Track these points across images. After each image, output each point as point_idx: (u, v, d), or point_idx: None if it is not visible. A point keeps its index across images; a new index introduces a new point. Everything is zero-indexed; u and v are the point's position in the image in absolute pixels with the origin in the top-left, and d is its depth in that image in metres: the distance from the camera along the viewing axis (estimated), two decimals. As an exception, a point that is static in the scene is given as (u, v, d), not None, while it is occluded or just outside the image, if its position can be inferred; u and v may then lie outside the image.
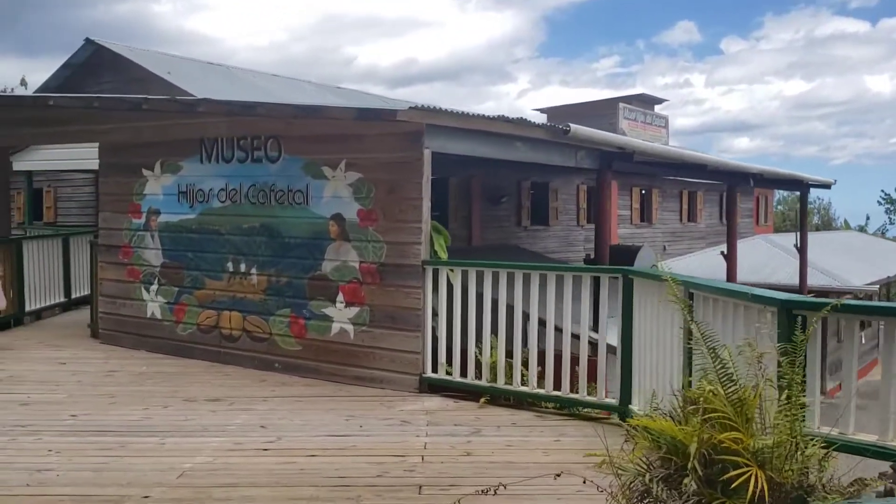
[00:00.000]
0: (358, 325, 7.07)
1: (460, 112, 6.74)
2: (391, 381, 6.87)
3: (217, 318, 8.03)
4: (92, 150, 13.73)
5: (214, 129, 7.93)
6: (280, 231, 7.54)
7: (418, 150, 6.67)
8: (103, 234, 9.00)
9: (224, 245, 7.94)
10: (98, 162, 9.05)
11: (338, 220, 7.15)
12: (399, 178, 6.78)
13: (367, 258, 6.98)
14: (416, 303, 6.71)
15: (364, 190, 6.98)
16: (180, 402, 6.44)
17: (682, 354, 4.57)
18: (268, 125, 7.55)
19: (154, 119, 8.38)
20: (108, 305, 8.97)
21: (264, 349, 7.70)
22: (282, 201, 7.50)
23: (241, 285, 7.84)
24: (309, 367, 7.39)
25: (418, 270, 6.69)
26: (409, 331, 6.76)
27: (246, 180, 7.76)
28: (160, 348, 8.47)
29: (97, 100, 8.33)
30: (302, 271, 7.41)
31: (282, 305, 7.56)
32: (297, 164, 7.40)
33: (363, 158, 6.99)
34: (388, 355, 6.89)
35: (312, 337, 7.37)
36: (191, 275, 8.20)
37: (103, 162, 8.97)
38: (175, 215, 8.31)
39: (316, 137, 7.29)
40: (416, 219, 6.70)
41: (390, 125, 6.74)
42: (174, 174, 8.30)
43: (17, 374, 7.43)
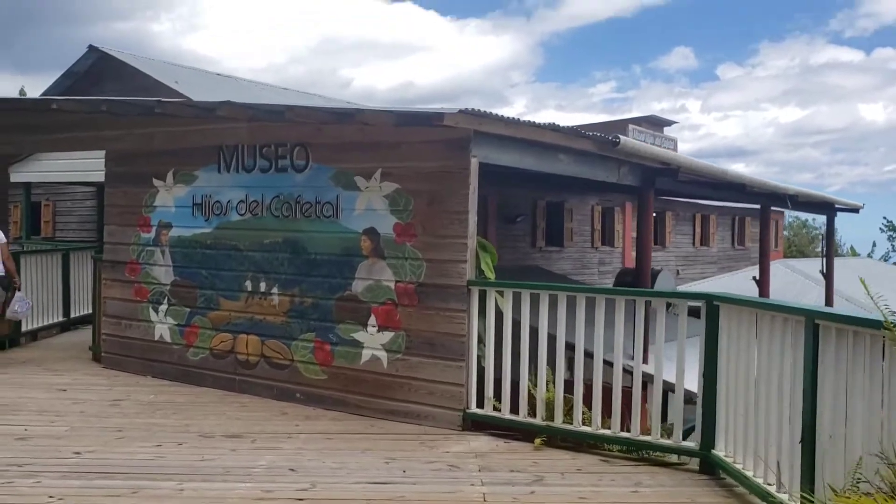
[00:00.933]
0: (392, 352, 6.36)
1: (511, 118, 6.08)
2: (430, 416, 6.15)
3: (233, 343, 7.32)
4: (94, 160, 13.07)
5: (234, 136, 7.27)
6: (306, 247, 6.86)
7: (464, 159, 6.00)
8: (108, 249, 8.30)
9: (242, 262, 7.25)
10: (104, 172, 8.37)
11: (371, 236, 6.47)
12: (442, 190, 6.11)
13: (403, 277, 6.29)
14: (460, 328, 6.02)
15: (401, 202, 6.30)
16: (196, 438, 5.71)
17: (802, 396, 3.87)
18: (294, 132, 6.89)
19: (167, 125, 7.72)
20: (113, 326, 8.25)
21: (285, 377, 6.99)
22: (308, 214, 6.82)
23: (260, 306, 7.14)
24: (335, 399, 6.67)
25: (463, 292, 6.00)
26: (451, 360, 6.06)
27: (269, 191, 7.08)
28: (168, 374, 7.76)
29: (105, 103, 7.67)
30: (329, 291, 6.72)
31: (306, 329, 6.86)
32: (327, 173, 6.72)
33: (401, 168, 6.32)
34: (426, 387, 6.18)
35: (340, 365, 6.66)
36: (204, 294, 7.50)
37: (110, 171, 8.29)
38: (188, 229, 7.62)
39: (348, 145, 6.63)
40: (461, 234, 6.03)
41: (433, 131, 6.08)
42: (188, 185, 7.62)
43: (13, 403, 6.70)
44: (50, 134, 8.86)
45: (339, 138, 6.67)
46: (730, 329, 4.77)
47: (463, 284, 6.00)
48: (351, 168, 6.58)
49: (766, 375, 4.31)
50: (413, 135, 6.24)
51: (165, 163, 7.79)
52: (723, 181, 10.37)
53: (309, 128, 6.78)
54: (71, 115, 8.41)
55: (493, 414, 5.92)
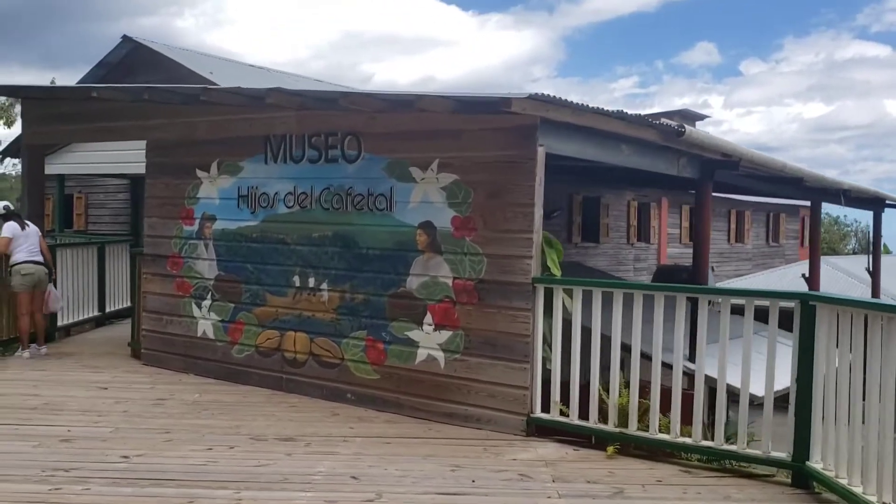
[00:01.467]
0: (450, 352, 6.04)
1: (579, 104, 5.72)
2: (491, 420, 5.83)
3: (280, 340, 7.03)
4: (128, 152, 12.88)
5: (283, 125, 6.97)
6: (357, 241, 6.55)
7: (531, 148, 5.66)
8: (149, 243, 8.05)
9: (290, 256, 6.95)
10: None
11: (427, 229, 6.14)
12: (505, 181, 5.77)
13: (462, 274, 5.97)
14: (524, 328, 5.68)
15: (460, 194, 5.97)
16: (247, 441, 5.43)
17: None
18: (346, 120, 6.58)
19: (211, 113, 7.44)
20: (153, 322, 8.00)
21: (334, 377, 6.69)
22: (360, 207, 6.51)
23: (308, 302, 6.84)
24: (388, 400, 6.36)
25: (527, 289, 5.66)
26: (514, 361, 5.73)
27: (318, 183, 6.77)
28: (212, 372, 7.49)
29: (148, 91, 7.40)
30: (382, 287, 6.40)
31: (357, 327, 6.55)
32: (380, 164, 6.41)
33: (460, 158, 5.99)
34: (486, 389, 5.85)
35: (393, 364, 6.35)
36: (250, 289, 7.21)
37: (151, 162, 8.03)
38: (233, 222, 7.34)
39: (403, 134, 6.30)
40: (526, 228, 5.69)
41: (497, 119, 5.74)
42: (233, 176, 7.34)
43: (54, 402, 6.45)
44: (88, 123, 8.62)
45: (393, 127, 6.35)
46: (829, 331, 4.40)
47: (528, 282, 5.66)
48: (406, 158, 6.26)
49: (880, 382, 3.93)
50: (474, 122, 5.91)
51: (209, 153, 7.51)
52: (781, 175, 9.95)
53: (362, 116, 6.47)
54: (110, 103, 8.16)
55: (560, 419, 5.58)
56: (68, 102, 8.70)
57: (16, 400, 6.46)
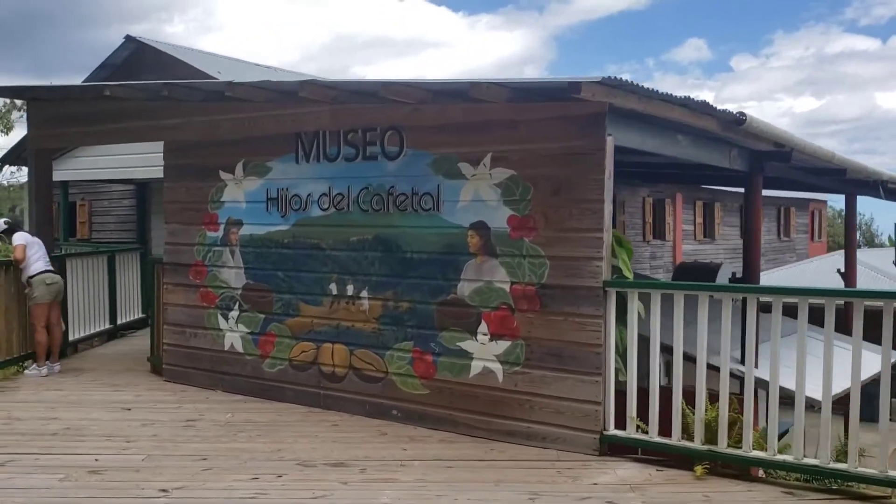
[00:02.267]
0: (509, 364, 5.53)
1: (650, 89, 5.20)
2: (558, 438, 5.32)
3: (316, 353, 6.51)
4: (134, 156, 12.38)
5: (314, 122, 6.45)
6: (400, 244, 6.03)
7: (599, 138, 5.16)
8: (169, 251, 7.52)
9: (326, 262, 6.44)
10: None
11: (480, 230, 5.64)
12: (570, 175, 5.26)
13: (521, 278, 5.46)
14: (595, 337, 5.17)
15: (518, 191, 5.46)
16: (295, 468, 4.91)
17: None
18: (385, 114, 6.07)
19: (235, 111, 6.93)
20: (175, 336, 7.48)
21: (378, 392, 6.17)
22: (403, 207, 6.00)
23: (347, 312, 6.32)
24: (439, 417, 5.85)
25: (598, 294, 5.16)
26: (584, 374, 5.22)
27: (356, 183, 6.26)
28: (241, 388, 6.97)
29: (167, 87, 6.88)
30: (429, 294, 5.89)
31: (402, 337, 6.04)
32: (425, 160, 5.90)
33: (517, 151, 5.48)
34: (552, 405, 5.35)
35: (444, 378, 5.84)
36: (282, 299, 6.70)
37: (169, 164, 7.51)
38: (262, 227, 6.82)
39: (451, 126, 5.79)
40: (595, 227, 5.18)
41: (560, 107, 5.24)
42: (261, 177, 6.82)
43: (76, 426, 5.92)
44: (99, 125, 8.09)
45: (439, 119, 5.84)
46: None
47: (598, 286, 5.16)
48: (454, 153, 5.75)
49: None
50: (533, 111, 5.41)
51: (234, 153, 7.00)
52: (830, 165, 9.44)
53: (404, 109, 5.96)
54: (124, 103, 7.64)
55: (638, 437, 5.07)
56: (78, 103, 8.17)
57: (34, 424, 5.93)
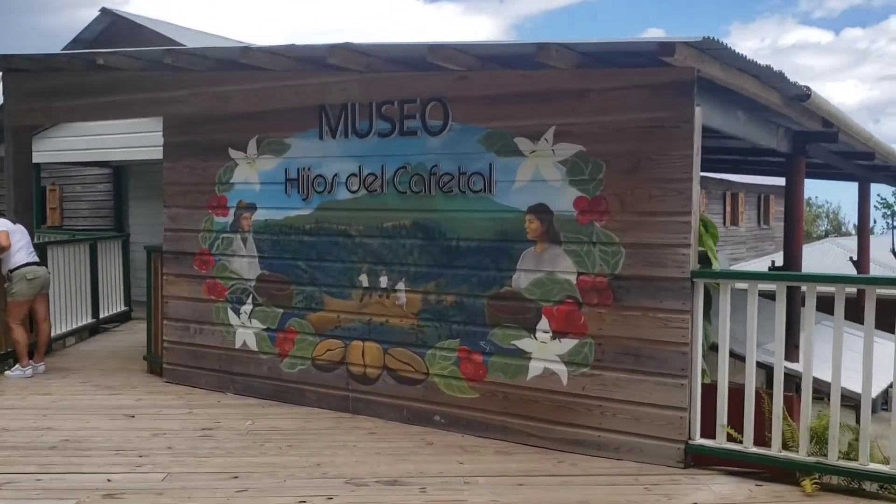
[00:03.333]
0: (575, 365, 4.91)
1: (740, 54, 4.58)
2: (634, 449, 4.72)
3: (344, 352, 5.83)
4: (110, 137, 11.50)
5: (341, 93, 5.76)
6: (444, 230, 5.37)
7: (686, 109, 4.54)
8: (170, 238, 6.77)
9: (355, 251, 5.75)
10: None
11: (540, 214, 5.00)
12: (650, 151, 4.64)
13: (590, 268, 4.83)
14: (680, 335, 4.57)
15: (587, 169, 4.83)
16: (344, 488, 4.24)
17: None
18: (426, 83, 5.40)
19: (247, 81, 6.20)
20: (178, 332, 6.74)
21: (417, 395, 5.52)
22: (448, 189, 5.33)
23: (380, 306, 5.65)
24: (490, 424, 5.22)
25: (683, 286, 4.55)
26: (667, 376, 4.62)
27: (391, 161, 5.58)
28: (255, 391, 6.27)
29: (170, 54, 6.10)
30: (479, 287, 5.25)
31: (446, 335, 5.39)
32: (474, 135, 5.23)
33: (586, 124, 4.84)
34: (628, 411, 4.74)
35: (496, 380, 5.20)
36: (303, 291, 6.00)
37: (170, 141, 6.75)
38: (280, 211, 6.11)
39: (505, 97, 5.13)
40: (681, 210, 4.57)
41: (640, 74, 4.63)
42: (278, 156, 6.10)
43: (76, 437, 5.18)
44: (88, 98, 7.27)
45: (492, 88, 5.18)
46: None
47: (684, 276, 4.55)
48: (509, 127, 5.10)
49: None
50: (606, 79, 4.77)
51: (245, 129, 6.27)
52: (864, 148, 8.94)
53: (448, 77, 5.29)
54: (117, 73, 6.86)
55: (730, 447, 4.49)
56: (63, 74, 7.34)
57: (27, 436, 5.18)
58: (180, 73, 6.53)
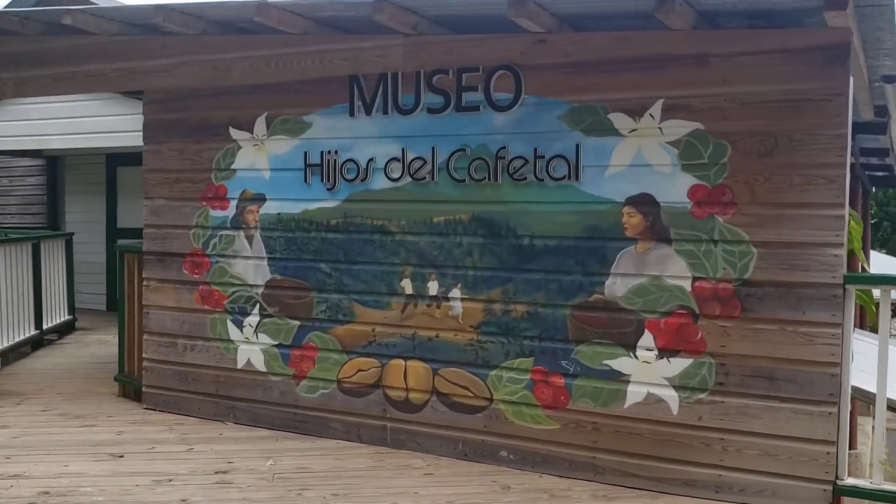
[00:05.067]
0: (689, 390, 4.04)
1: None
2: (764, 491, 3.88)
3: (380, 372, 4.84)
4: (44, 122, 10.13)
5: (380, 60, 4.76)
6: (514, 227, 4.44)
7: (839, 79, 3.73)
8: (152, 236, 5.64)
9: (396, 251, 4.77)
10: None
11: (643, 206, 4.12)
12: (791, 129, 3.81)
13: (711, 272, 3.98)
14: (829, 353, 3.76)
15: (706, 151, 3.97)
16: (436, 560, 3.27)
17: None
18: (491, 47, 4.46)
19: (255, 46, 5.16)
20: (162, 349, 5.61)
21: (478, 426, 4.57)
22: (521, 176, 4.40)
23: (429, 317, 4.68)
24: (575, 461, 4.31)
25: (833, 294, 3.74)
26: (810, 403, 3.80)
27: (444, 143, 4.61)
28: (263, 419, 5.21)
29: (161, 12, 4.98)
30: (560, 295, 4.33)
31: (515, 353, 4.46)
32: (555, 110, 4.32)
33: (706, 96, 3.98)
34: (758, 445, 3.90)
35: (583, 408, 4.30)
36: (326, 300, 4.98)
37: (152, 120, 5.62)
38: (296, 203, 5.07)
39: (596, 64, 4.23)
40: (832, 201, 3.76)
41: (778, 35, 3.80)
42: (295, 136, 5.06)
43: (58, 488, 4.03)
44: (47, 68, 6.07)
45: (578, 53, 4.27)
46: None
47: (835, 282, 3.74)
48: (602, 100, 4.20)
49: None
50: (731, 42, 3.93)
51: (252, 105, 5.21)
52: None
53: (521, 40, 4.36)
54: (85, 38, 5.71)
55: (892, 488, 3.70)
56: (14, 40, 6.11)
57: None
58: (167, 37, 5.44)
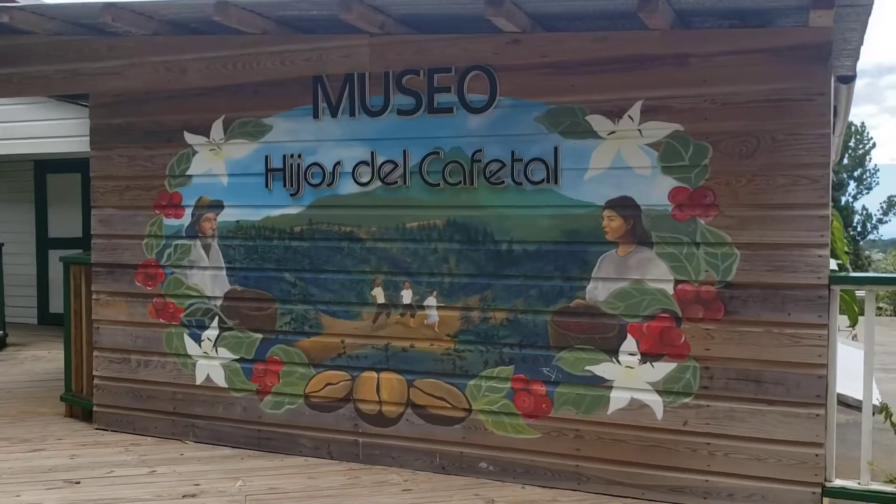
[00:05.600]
0: (673, 395, 3.98)
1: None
2: (753, 495, 3.84)
3: (351, 385, 4.65)
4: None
5: (345, 61, 4.59)
6: (491, 231, 4.32)
7: (821, 78, 3.72)
8: (101, 247, 5.34)
9: (366, 259, 4.59)
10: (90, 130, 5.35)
11: (623, 210, 4.04)
12: (773, 130, 3.78)
13: (693, 275, 3.92)
14: (815, 354, 3.74)
15: (687, 153, 3.92)
16: (431, 583, 3.11)
17: None
18: (464, 47, 4.33)
19: (211, 47, 4.93)
20: (114, 366, 5.31)
21: (456, 437, 4.43)
22: (498, 180, 4.28)
23: (403, 327, 4.52)
24: (558, 471, 4.21)
25: (820, 295, 3.72)
26: (797, 405, 3.77)
27: (417, 146, 4.46)
28: (225, 437, 4.97)
29: (110, 11, 4.69)
30: (540, 301, 4.23)
31: (494, 361, 4.34)
32: (532, 112, 4.21)
33: (686, 97, 3.92)
34: (745, 449, 3.86)
35: (565, 416, 4.20)
36: (291, 311, 4.77)
37: (101, 125, 5.32)
38: (257, 210, 4.85)
39: (573, 64, 4.14)
40: (816, 201, 3.74)
41: (761, 35, 3.78)
42: (255, 140, 4.84)
43: (10, 524, 3.75)
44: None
45: (555, 54, 4.18)
46: None
47: (820, 283, 3.72)
48: (580, 102, 4.11)
49: None
50: (711, 42, 3.88)
51: (208, 107, 4.97)
52: None
53: (494, 40, 4.25)
54: (23, 38, 5.38)
55: (879, 488, 3.69)
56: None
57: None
58: (115, 38, 5.16)
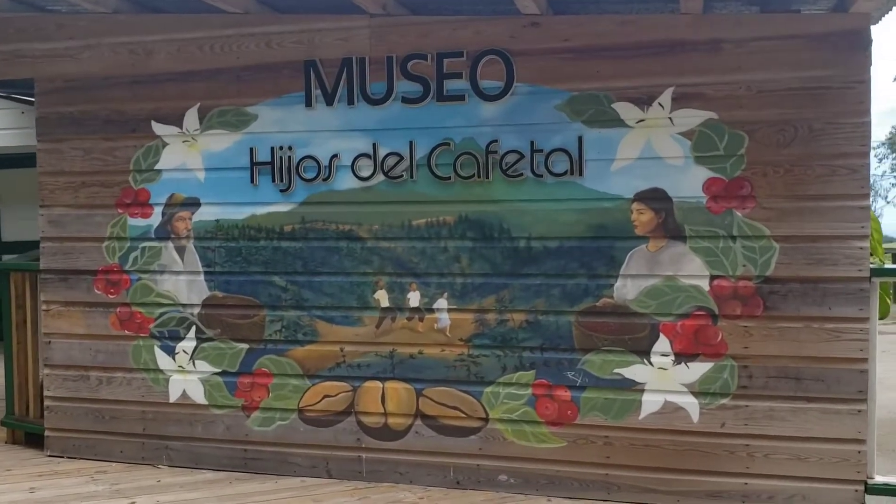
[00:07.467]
0: (710, 396, 3.81)
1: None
2: (794, 496, 3.73)
3: (352, 397, 4.28)
4: None
5: (341, 44, 4.21)
6: (508, 228, 4.04)
7: (860, 66, 3.63)
8: (52, 251, 4.75)
9: (367, 259, 4.23)
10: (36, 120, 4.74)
11: (654, 202, 3.85)
12: (812, 118, 3.67)
13: (730, 270, 3.77)
14: (857, 349, 3.64)
15: (722, 142, 3.76)
16: None
17: None
18: (477, 30, 4.04)
19: (184, 28, 4.45)
20: (69, 384, 4.73)
21: (472, 449, 4.13)
22: (515, 173, 4.01)
23: (410, 332, 4.19)
24: (586, 481, 3.98)
25: (861, 288, 3.63)
26: (839, 401, 3.67)
27: (424, 136, 4.13)
28: (205, 459, 4.50)
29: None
30: (564, 300, 3.98)
31: (514, 366, 4.06)
32: (552, 100, 3.96)
33: (720, 84, 3.76)
34: (786, 449, 3.73)
35: (593, 422, 3.97)
36: (281, 318, 4.36)
37: (49, 114, 4.73)
38: (240, 207, 4.40)
39: (597, 49, 3.91)
40: (857, 192, 3.64)
41: (796, 20, 3.67)
42: (236, 130, 4.40)
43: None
44: None
45: (577, 38, 3.94)
46: None
47: (861, 276, 3.63)
48: (605, 88, 3.89)
49: None
50: (745, 27, 3.73)
51: (179, 95, 4.48)
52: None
53: (512, 23, 3.98)
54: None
55: (926, 484, 3.63)
56: None
57: None
58: (65, 16, 4.60)
